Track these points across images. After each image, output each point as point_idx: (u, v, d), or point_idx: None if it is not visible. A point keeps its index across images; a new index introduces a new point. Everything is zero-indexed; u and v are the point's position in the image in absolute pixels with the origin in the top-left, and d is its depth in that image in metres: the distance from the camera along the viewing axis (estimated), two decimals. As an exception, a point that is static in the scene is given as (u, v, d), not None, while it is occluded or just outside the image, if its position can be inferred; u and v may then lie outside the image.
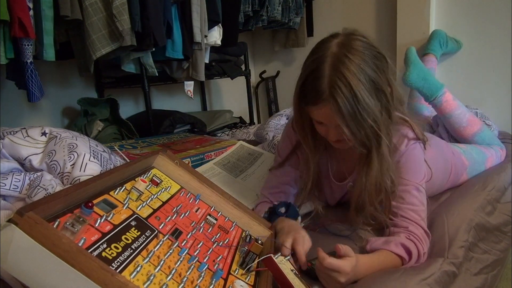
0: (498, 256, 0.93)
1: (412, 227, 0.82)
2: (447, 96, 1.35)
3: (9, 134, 0.80)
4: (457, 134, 1.38)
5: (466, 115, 1.36)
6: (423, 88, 1.37)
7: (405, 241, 0.78)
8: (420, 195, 0.86)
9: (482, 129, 1.36)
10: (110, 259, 0.47)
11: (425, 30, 1.90)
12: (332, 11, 2.37)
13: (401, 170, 0.87)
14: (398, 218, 0.84)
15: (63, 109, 1.82)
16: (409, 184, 0.86)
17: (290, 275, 0.64)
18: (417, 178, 0.87)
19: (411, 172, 0.87)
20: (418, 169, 0.88)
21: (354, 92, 0.73)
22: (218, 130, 2.14)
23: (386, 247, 0.78)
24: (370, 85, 0.75)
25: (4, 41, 1.12)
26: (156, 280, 0.49)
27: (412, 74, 1.38)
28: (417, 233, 0.81)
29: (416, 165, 0.88)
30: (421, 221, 0.83)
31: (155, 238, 0.58)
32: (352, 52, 0.76)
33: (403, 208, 0.84)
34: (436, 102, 1.36)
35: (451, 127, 1.38)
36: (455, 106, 1.35)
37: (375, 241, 0.81)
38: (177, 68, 1.83)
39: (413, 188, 0.85)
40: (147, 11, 1.38)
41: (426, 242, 0.81)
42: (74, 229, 0.47)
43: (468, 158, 1.21)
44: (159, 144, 1.50)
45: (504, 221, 1.05)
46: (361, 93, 0.73)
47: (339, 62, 0.75)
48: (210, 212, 0.80)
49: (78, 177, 0.75)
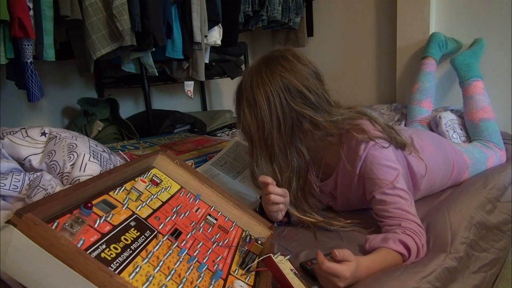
0: (497, 255, 0.94)
1: (404, 222, 0.82)
2: (479, 83, 1.52)
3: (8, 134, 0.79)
4: (468, 115, 1.49)
5: (485, 103, 1.47)
6: (462, 71, 1.58)
7: (402, 237, 0.78)
8: (397, 191, 0.87)
9: (490, 120, 1.42)
10: (109, 260, 0.47)
11: (425, 30, 1.90)
12: (332, 11, 2.36)
13: (370, 174, 0.89)
14: (387, 219, 0.86)
15: (63, 109, 1.82)
16: (384, 185, 0.87)
17: (290, 275, 0.64)
18: (388, 177, 0.88)
19: (380, 174, 0.88)
20: (385, 168, 0.89)
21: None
22: (218, 130, 2.14)
23: (385, 245, 0.78)
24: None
25: (4, 41, 1.12)
26: (155, 281, 0.49)
27: (458, 57, 1.61)
28: (411, 227, 0.81)
29: (381, 166, 0.89)
30: (409, 215, 0.84)
31: (155, 239, 0.58)
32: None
33: (388, 209, 0.86)
34: (466, 83, 1.54)
35: (467, 107, 1.51)
36: (480, 91, 1.50)
37: (373, 239, 0.81)
38: (177, 68, 1.83)
39: (389, 188, 0.86)
40: (147, 11, 1.38)
41: (422, 233, 0.82)
42: (73, 230, 0.47)
43: (470, 157, 1.22)
44: (161, 144, 1.50)
45: (504, 220, 1.05)
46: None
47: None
48: (210, 212, 0.80)
49: (78, 177, 0.75)
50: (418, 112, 1.65)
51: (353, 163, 0.92)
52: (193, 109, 2.36)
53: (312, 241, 0.90)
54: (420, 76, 1.73)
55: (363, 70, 2.30)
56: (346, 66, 2.37)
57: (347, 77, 2.35)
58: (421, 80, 1.71)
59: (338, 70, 2.38)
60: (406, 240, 0.78)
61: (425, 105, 1.66)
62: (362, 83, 2.30)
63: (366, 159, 0.90)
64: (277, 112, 0.87)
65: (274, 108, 0.87)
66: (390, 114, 1.86)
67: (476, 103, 1.47)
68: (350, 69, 2.35)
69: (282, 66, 0.89)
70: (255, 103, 0.88)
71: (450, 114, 1.53)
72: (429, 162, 1.05)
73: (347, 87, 2.32)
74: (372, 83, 2.28)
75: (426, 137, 1.16)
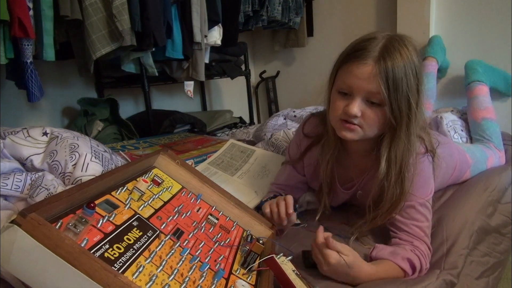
0: (498, 259, 0.92)
1: (416, 242, 0.81)
2: (485, 87, 1.59)
3: (10, 134, 0.80)
4: (472, 114, 1.53)
5: (488, 104, 1.53)
6: (472, 73, 1.64)
7: (411, 256, 0.78)
8: (425, 211, 0.85)
9: (491, 120, 1.46)
10: (112, 259, 0.48)
11: (425, 30, 1.90)
12: (332, 11, 2.37)
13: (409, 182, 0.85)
14: (402, 232, 0.84)
15: (63, 109, 1.82)
16: (415, 199, 0.84)
17: (292, 276, 0.64)
18: (424, 193, 0.85)
19: (418, 187, 0.85)
20: (426, 184, 0.86)
21: (404, 64, 0.75)
22: (218, 130, 2.14)
23: (392, 258, 0.77)
24: (415, 73, 0.77)
25: (4, 41, 1.12)
26: (158, 280, 0.49)
27: (474, 60, 1.69)
28: (421, 248, 0.80)
29: (424, 180, 0.86)
30: (425, 237, 0.83)
31: (157, 238, 0.58)
32: (403, 43, 0.78)
33: (408, 223, 0.84)
34: (473, 85, 1.60)
35: (471, 107, 1.55)
36: (484, 94, 1.56)
37: (381, 249, 0.80)
38: (177, 68, 1.83)
39: (419, 204, 0.84)
40: (147, 11, 1.38)
41: (429, 256, 0.81)
42: (76, 230, 0.47)
43: (472, 157, 1.22)
44: (161, 144, 1.50)
45: (503, 223, 1.04)
46: (408, 71, 0.76)
47: (393, 41, 0.78)
48: (211, 212, 0.80)
49: (79, 177, 0.75)
50: None
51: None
52: (193, 109, 2.36)
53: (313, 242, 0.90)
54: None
55: (363, 70, 2.30)
56: (346, 66, 2.37)
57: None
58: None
59: (337, 70, 2.38)
60: (413, 259, 0.77)
61: (426, 106, 1.66)
62: (362, 83, 2.30)
63: (412, 169, 0.84)
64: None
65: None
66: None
67: (480, 103, 1.52)
68: (350, 69, 2.35)
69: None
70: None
71: (451, 115, 1.53)
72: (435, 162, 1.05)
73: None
74: (372, 83, 2.28)
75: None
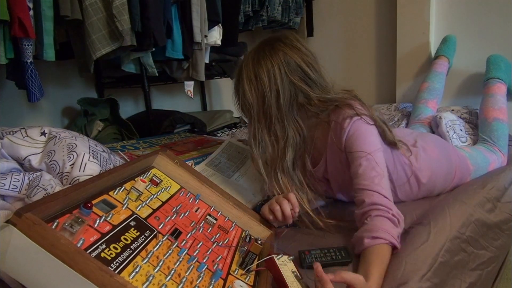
0: (494, 253, 0.94)
1: (374, 197, 0.82)
2: (504, 86, 1.54)
3: (8, 134, 0.79)
4: (484, 112, 1.48)
5: (504, 104, 1.48)
6: (494, 68, 1.60)
7: (380, 224, 0.77)
8: (371, 163, 0.87)
9: (503, 122, 1.42)
10: (109, 259, 0.47)
11: (425, 30, 1.90)
12: (332, 11, 2.36)
13: (351, 148, 0.90)
14: (359, 194, 0.86)
15: (63, 109, 1.82)
16: (359, 155, 0.88)
17: (290, 278, 0.64)
18: (366, 148, 0.89)
19: (358, 143, 0.90)
20: (363, 139, 0.90)
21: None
22: (218, 130, 2.14)
23: (373, 243, 0.76)
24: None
25: (4, 41, 1.12)
26: (155, 280, 0.49)
27: (497, 55, 1.64)
28: (380, 202, 0.81)
29: (361, 136, 0.90)
30: (376, 186, 0.84)
31: (155, 239, 0.58)
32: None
33: (359, 182, 0.86)
34: (492, 82, 1.56)
35: (484, 104, 1.50)
36: (502, 93, 1.51)
37: (357, 241, 0.79)
38: (177, 68, 1.83)
39: (363, 159, 0.87)
40: (147, 11, 1.38)
41: (390, 205, 0.82)
42: (72, 230, 0.47)
43: (473, 163, 1.20)
44: (161, 144, 1.50)
45: (505, 219, 1.05)
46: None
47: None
48: (210, 212, 0.80)
49: (77, 177, 0.75)
50: (423, 111, 1.63)
51: (339, 138, 0.93)
52: (193, 109, 2.36)
53: (311, 242, 0.89)
54: (431, 75, 1.73)
55: (363, 70, 2.30)
56: (346, 66, 2.37)
57: (347, 77, 2.35)
58: (432, 79, 1.71)
59: (338, 70, 2.38)
60: (384, 226, 0.77)
61: (431, 105, 1.65)
62: (362, 83, 2.30)
63: (349, 133, 0.91)
64: (277, 84, 0.90)
65: (273, 80, 0.90)
66: (390, 114, 1.86)
67: (495, 101, 1.48)
68: (350, 69, 2.35)
69: (283, 43, 0.94)
70: (256, 77, 0.92)
71: (451, 114, 1.53)
72: (432, 166, 1.05)
73: (347, 87, 2.31)
74: (372, 83, 2.28)
75: (430, 140, 1.15)
